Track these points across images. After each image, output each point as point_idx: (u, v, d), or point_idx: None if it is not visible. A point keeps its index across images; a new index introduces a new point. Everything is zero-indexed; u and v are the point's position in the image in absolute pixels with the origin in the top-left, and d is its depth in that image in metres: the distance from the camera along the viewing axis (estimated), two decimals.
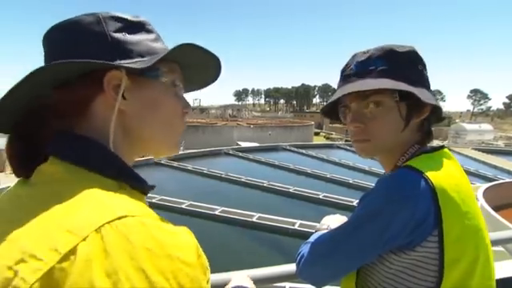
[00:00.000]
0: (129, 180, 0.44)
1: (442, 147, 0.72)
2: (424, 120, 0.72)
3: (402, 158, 0.70)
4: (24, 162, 0.46)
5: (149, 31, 0.51)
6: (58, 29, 0.47)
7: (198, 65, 0.55)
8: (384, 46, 0.71)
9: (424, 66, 0.72)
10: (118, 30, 0.48)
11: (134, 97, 0.47)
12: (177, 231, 0.38)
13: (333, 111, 0.80)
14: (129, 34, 0.48)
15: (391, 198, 0.59)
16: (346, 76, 0.73)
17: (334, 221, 0.85)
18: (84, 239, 0.32)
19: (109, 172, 0.42)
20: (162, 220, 0.39)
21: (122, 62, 0.46)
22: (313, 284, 0.72)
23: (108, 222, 0.34)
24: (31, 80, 0.41)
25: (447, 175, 0.63)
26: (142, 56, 0.48)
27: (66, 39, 0.47)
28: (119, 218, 0.34)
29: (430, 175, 0.60)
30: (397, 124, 0.69)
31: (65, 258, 0.31)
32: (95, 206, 0.36)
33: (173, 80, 0.52)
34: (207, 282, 0.43)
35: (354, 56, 0.74)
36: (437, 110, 0.72)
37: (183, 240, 0.38)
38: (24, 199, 0.40)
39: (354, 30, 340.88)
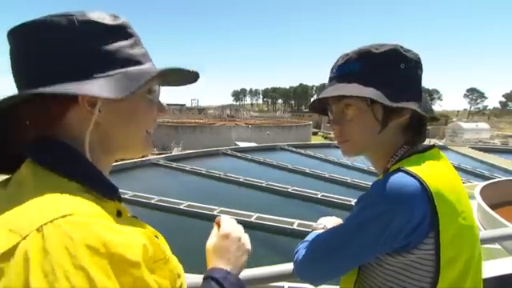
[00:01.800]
0: (95, 186, 0.44)
1: (432, 146, 0.72)
2: (411, 120, 0.70)
3: (392, 159, 0.70)
4: (3, 163, 0.48)
5: (128, 35, 0.49)
6: (26, 31, 0.44)
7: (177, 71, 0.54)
8: (362, 47, 0.70)
9: (408, 62, 0.68)
10: (95, 38, 0.45)
11: (109, 109, 0.47)
12: (125, 231, 0.38)
13: (323, 107, 0.80)
14: (107, 41, 0.46)
15: (387, 202, 0.59)
16: (330, 79, 0.74)
17: (329, 221, 0.85)
18: (24, 238, 0.32)
19: (76, 177, 0.42)
20: (114, 222, 0.38)
21: (101, 75, 0.45)
22: (311, 283, 0.72)
23: (51, 221, 0.33)
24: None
25: (440, 175, 0.63)
26: (123, 66, 0.47)
27: (36, 46, 0.44)
28: (63, 217, 0.34)
29: (425, 177, 0.59)
30: (372, 125, 0.69)
31: (3, 256, 0.32)
32: (42, 206, 0.36)
33: (149, 88, 0.51)
34: (177, 280, 0.45)
35: (338, 58, 0.74)
36: (417, 112, 0.67)
37: (130, 239, 0.37)
38: None
39: (352, 30, 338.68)
